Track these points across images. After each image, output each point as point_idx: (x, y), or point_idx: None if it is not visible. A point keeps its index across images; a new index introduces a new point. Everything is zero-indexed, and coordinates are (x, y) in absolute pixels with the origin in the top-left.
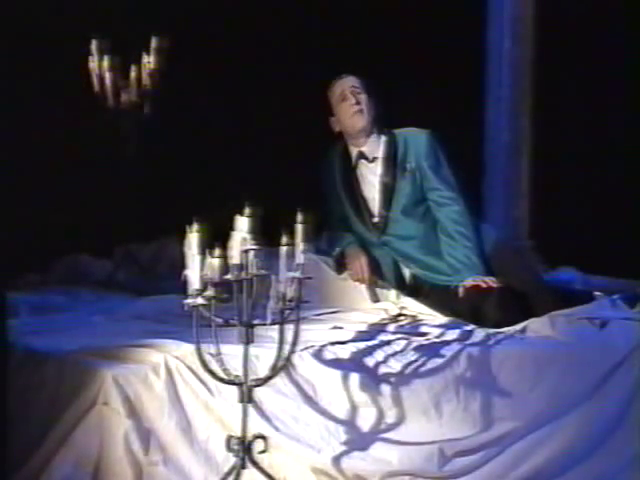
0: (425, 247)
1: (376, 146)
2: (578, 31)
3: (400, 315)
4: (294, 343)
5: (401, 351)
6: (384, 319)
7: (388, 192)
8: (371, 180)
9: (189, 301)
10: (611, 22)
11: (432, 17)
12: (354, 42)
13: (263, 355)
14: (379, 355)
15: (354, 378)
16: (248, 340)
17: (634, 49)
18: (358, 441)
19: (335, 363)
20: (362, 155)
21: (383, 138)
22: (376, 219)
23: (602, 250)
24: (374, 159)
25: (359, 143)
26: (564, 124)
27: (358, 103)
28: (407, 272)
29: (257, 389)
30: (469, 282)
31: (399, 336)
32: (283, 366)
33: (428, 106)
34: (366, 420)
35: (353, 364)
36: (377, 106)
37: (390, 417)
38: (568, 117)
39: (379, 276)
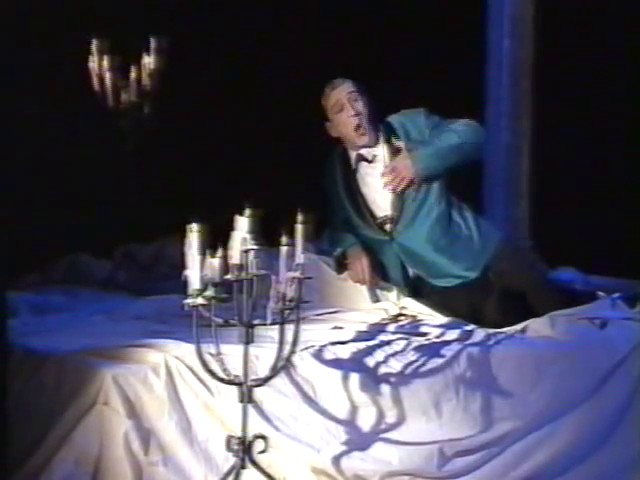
0: (431, 243)
1: (374, 145)
2: (578, 31)
3: (400, 315)
4: (294, 343)
5: (401, 351)
6: (384, 319)
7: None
8: (372, 181)
9: (189, 301)
10: (611, 22)
11: (432, 17)
12: (353, 42)
13: (263, 355)
14: (379, 355)
15: (354, 378)
16: (248, 340)
17: (634, 49)
18: (358, 441)
19: (335, 363)
20: (361, 157)
21: (381, 137)
22: (379, 220)
23: (602, 250)
24: (374, 157)
25: (357, 147)
26: (564, 124)
27: (357, 114)
28: (411, 271)
29: (257, 389)
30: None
31: (399, 336)
32: (283, 366)
33: (428, 106)
34: (366, 420)
35: (353, 364)
36: (371, 105)
37: (390, 417)
38: (568, 117)
39: (381, 277)
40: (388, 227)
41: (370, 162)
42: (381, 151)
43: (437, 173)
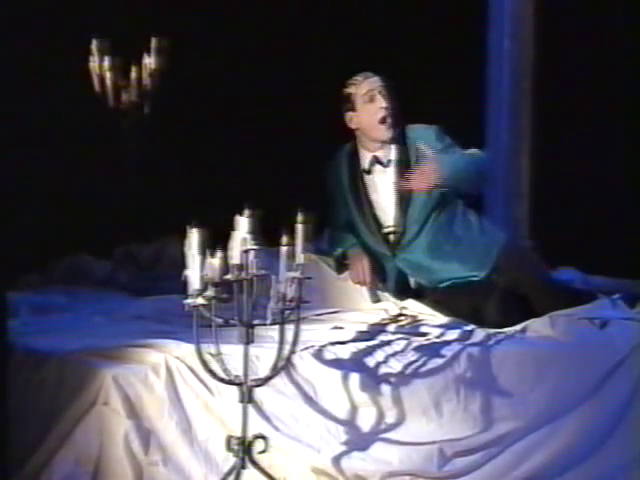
0: (434, 253)
1: (389, 149)
2: (578, 31)
3: (400, 315)
4: (294, 343)
5: (401, 351)
6: (384, 319)
7: (404, 201)
8: (383, 188)
9: (189, 301)
10: (611, 21)
11: (432, 17)
12: (354, 42)
13: (263, 355)
14: (379, 355)
15: (354, 378)
16: (248, 340)
17: (634, 48)
18: (358, 441)
19: (335, 363)
20: (377, 160)
21: (399, 143)
22: (386, 230)
23: (602, 250)
24: (389, 162)
25: (374, 147)
26: (564, 124)
27: (388, 108)
28: (412, 281)
29: (257, 389)
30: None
31: (399, 336)
32: (283, 366)
33: (428, 106)
34: (366, 420)
35: (353, 364)
36: (395, 107)
37: (390, 417)
38: (568, 117)
39: (381, 280)
40: (391, 238)
41: (385, 166)
42: (396, 156)
43: (452, 187)
